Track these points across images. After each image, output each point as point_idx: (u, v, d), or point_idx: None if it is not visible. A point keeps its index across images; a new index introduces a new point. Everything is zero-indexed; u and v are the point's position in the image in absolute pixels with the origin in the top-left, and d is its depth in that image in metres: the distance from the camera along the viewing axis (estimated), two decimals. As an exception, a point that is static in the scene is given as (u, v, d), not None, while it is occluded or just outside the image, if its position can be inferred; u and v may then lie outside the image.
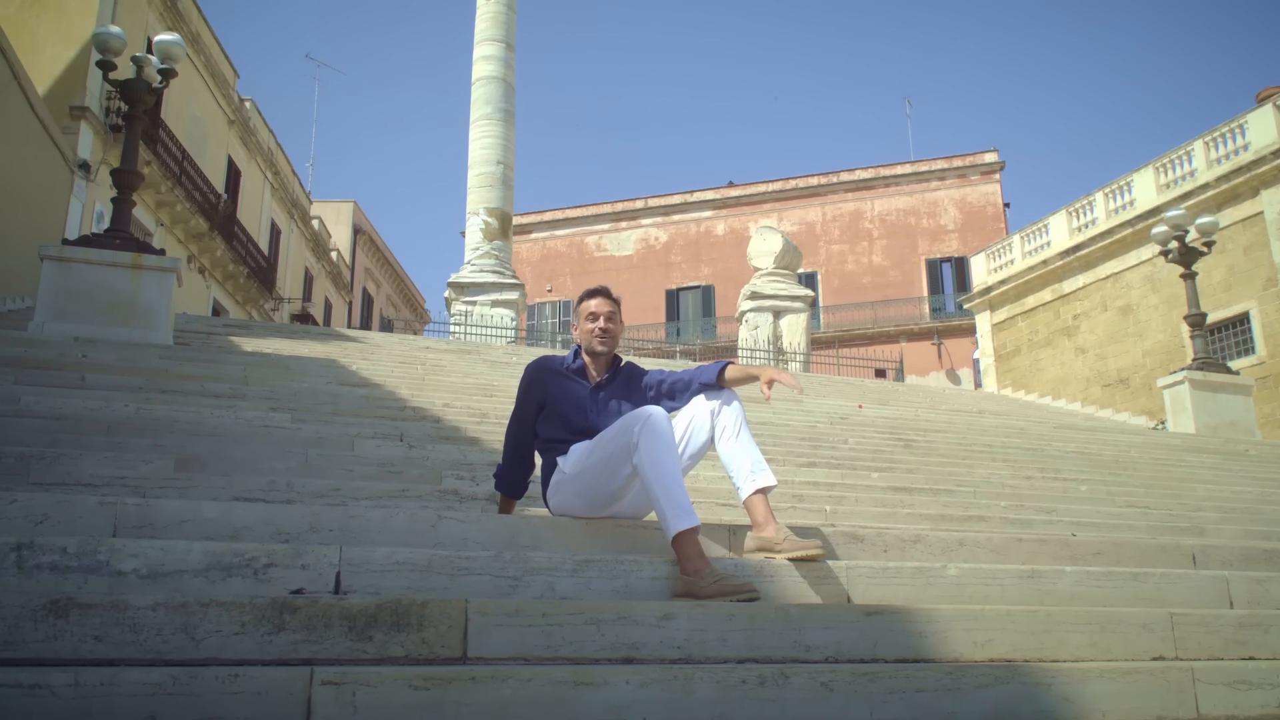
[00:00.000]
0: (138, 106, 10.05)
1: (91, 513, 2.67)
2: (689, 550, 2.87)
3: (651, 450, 3.03)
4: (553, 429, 3.60)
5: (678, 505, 2.93)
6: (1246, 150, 17.70)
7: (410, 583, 2.53)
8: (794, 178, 38.69)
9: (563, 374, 3.67)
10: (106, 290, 9.54)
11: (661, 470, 2.99)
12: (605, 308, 3.65)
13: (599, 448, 3.31)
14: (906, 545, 3.45)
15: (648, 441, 3.04)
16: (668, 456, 3.03)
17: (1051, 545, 3.71)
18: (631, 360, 3.84)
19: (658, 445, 3.03)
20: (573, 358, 3.72)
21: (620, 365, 3.72)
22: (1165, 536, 5.83)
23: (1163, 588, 3.26)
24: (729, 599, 2.66)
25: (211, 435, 5.72)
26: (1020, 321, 23.10)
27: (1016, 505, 6.45)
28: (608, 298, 3.71)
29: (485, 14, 24.70)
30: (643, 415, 3.13)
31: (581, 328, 3.69)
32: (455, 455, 5.98)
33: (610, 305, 3.68)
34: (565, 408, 3.57)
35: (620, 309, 3.76)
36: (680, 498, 2.96)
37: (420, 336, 21.88)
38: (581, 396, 3.60)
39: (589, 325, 3.65)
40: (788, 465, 7.07)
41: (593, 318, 3.64)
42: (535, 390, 3.67)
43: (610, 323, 3.64)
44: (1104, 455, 9.83)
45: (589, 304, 3.69)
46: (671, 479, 2.99)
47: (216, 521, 2.77)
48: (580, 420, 3.54)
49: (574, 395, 3.61)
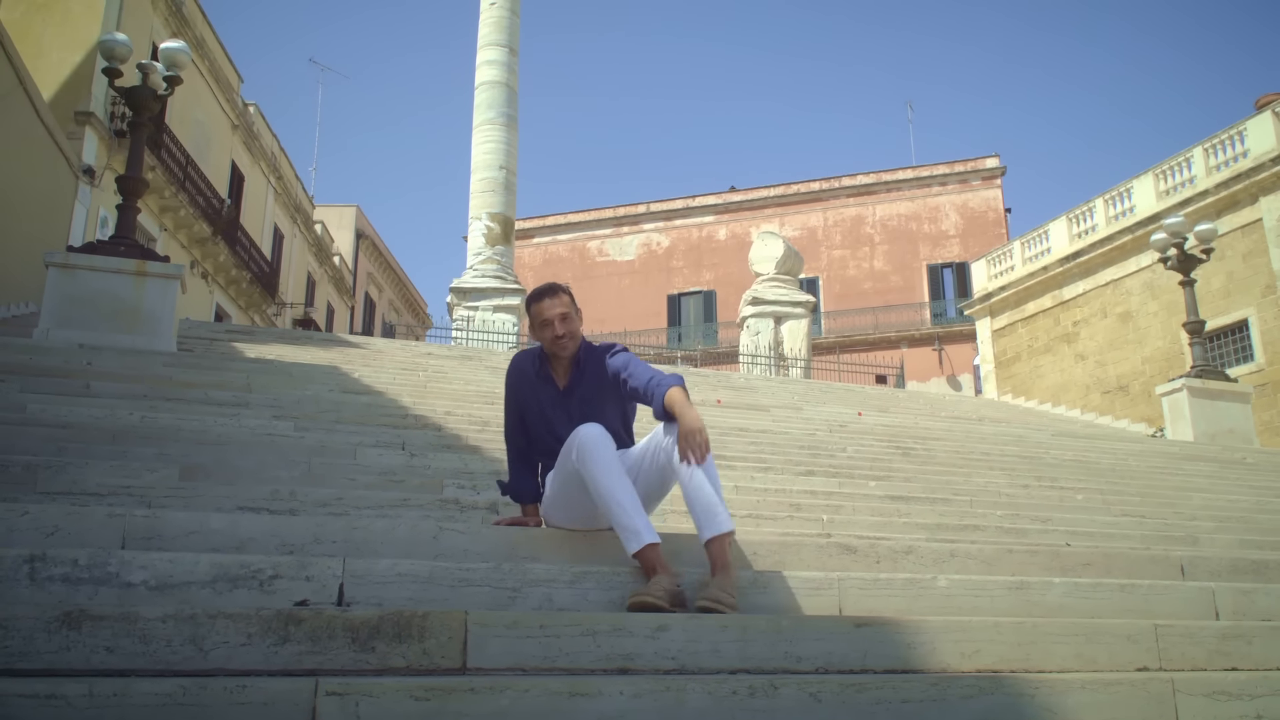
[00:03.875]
0: (143, 114, 10.13)
1: (101, 524, 2.74)
2: (644, 565, 2.94)
3: (591, 474, 3.05)
4: (536, 441, 3.53)
5: (624, 528, 2.98)
6: (1246, 157, 17.77)
7: (412, 594, 2.60)
8: (796, 183, 38.80)
9: (533, 380, 3.52)
10: (111, 297, 9.62)
11: (604, 494, 3.02)
12: (556, 309, 3.42)
13: (558, 472, 3.29)
14: (899, 556, 3.52)
15: (585, 467, 3.06)
16: (606, 477, 3.01)
17: (1042, 556, 3.77)
18: (590, 343, 3.57)
19: (595, 468, 3.03)
20: (539, 361, 3.54)
21: (581, 360, 3.49)
22: (1157, 546, 5.89)
23: (1150, 599, 3.32)
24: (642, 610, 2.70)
25: (216, 444, 5.79)
26: (1020, 328, 23.16)
27: (1012, 514, 6.51)
28: (554, 295, 3.46)
29: (488, 19, 24.78)
30: (574, 439, 3.12)
31: (538, 334, 3.49)
32: (456, 464, 6.04)
33: (561, 305, 3.43)
34: (538, 423, 3.48)
35: (573, 298, 3.53)
36: (626, 518, 2.98)
37: (422, 342, 21.95)
38: (551, 407, 3.47)
39: (544, 333, 3.44)
40: (786, 474, 7.13)
41: (545, 325, 3.43)
42: (512, 400, 3.59)
43: (565, 324, 3.42)
44: (1101, 463, 9.89)
45: (537, 310, 3.46)
46: (614, 501, 3.00)
47: (223, 533, 2.84)
48: (553, 437, 3.43)
49: (545, 406, 3.48)
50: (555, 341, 3.41)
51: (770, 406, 11.66)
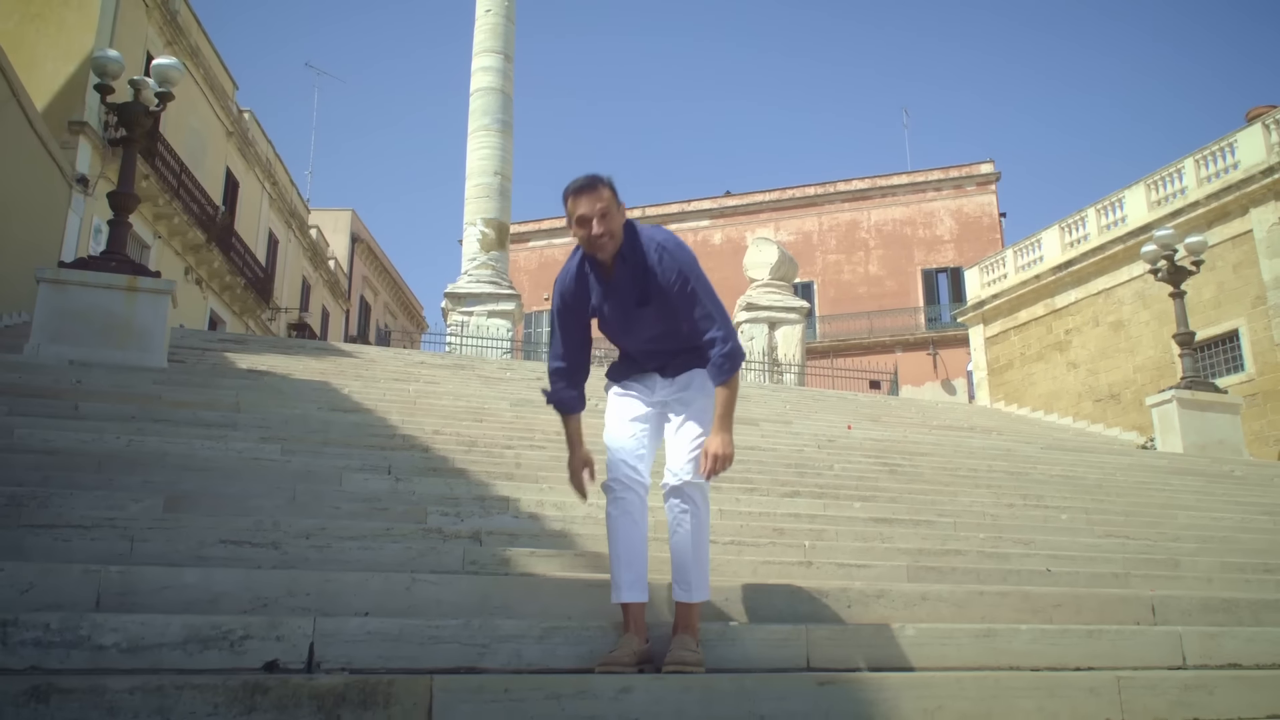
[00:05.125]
0: (135, 130, 10.15)
1: (76, 582, 2.78)
2: (623, 616, 3.03)
3: (608, 514, 3.14)
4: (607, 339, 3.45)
5: (613, 577, 3.07)
6: (1236, 169, 17.83)
7: (382, 652, 2.63)
8: (791, 188, 38.85)
9: (573, 282, 3.31)
10: (102, 312, 9.63)
11: (609, 540, 3.14)
12: (595, 207, 3.12)
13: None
14: (870, 600, 3.56)
15: (609, 512, 3.14)
16: (613, 526, 3.12)
17: (1013, 599, 3.81)
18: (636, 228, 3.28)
19: (609, 516, 3.14)
20: (578, 260, 3.32)
21: (626, 254, 3.22)
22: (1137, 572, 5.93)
23: (1117, 645, 3.36)
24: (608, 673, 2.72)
25: (201, 469, 5.82)
26: (1013, 335, 23.22)
27: (995, 537, 6.54)
28: (593, 190, 3.14)
29: (484, 25, 24.81)
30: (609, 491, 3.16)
31: (574, 232, 3.21)
32: (442, 489, 6.08)
33: (599, 203, 3.12)
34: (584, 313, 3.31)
35: (615, 191, 3.18)
36: (617, 571, 3.06)
37: (415, 350, 21.96)
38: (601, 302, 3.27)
39: (580, 231, 3.17)
40: (771, 495, 7.17)
41: (582, 222, 3.15)
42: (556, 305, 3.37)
43: (605, 222, 3.12)
44: (1088, 479, 9.93)
45: (573, 208, 3.17)
46: (612, 552, 3.11)
47: (196, 587, 2.87)
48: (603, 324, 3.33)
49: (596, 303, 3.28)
50: (592, 241, 3.15)
51: (760, 420, 11.70)
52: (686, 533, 3.09)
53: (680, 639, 2.92)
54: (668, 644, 2.90)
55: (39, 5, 16.88)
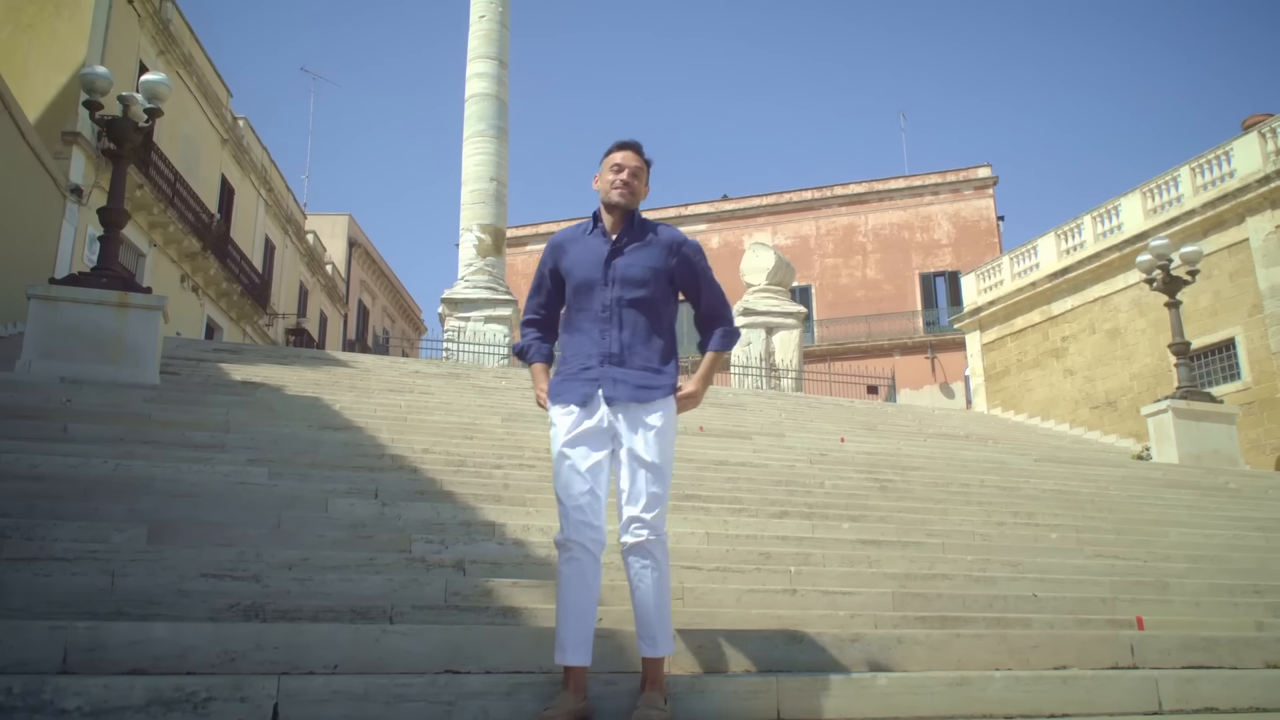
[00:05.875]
0: (124, 145, 10.14)
1: (44, 639, 2.76)
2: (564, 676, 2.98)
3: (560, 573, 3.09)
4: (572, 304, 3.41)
5: (558, 638, 3.00)
6: (1232, 177, 17.83)
7: (347, 711, 2.62)
8: (788, 191, 38.87)
9: (580, 239, 3.43)
10: (93, 328, 9.63)
11: (558, 596, 3.07)
12: (633, 161, 3.38)
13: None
14: (845, 645, 3.54)
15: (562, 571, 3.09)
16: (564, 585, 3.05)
17: (989, 641, 3.79)
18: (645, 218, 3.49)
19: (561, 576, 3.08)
20: (591, 222, 3.46)
21: (635, 220, 3.41)
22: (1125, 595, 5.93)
23: (1092, 691, 3.35)
24: None
25: (187, 495, 5.80)
26: (1010, 342, 23.22)
27: (983, 559, 6.53)
28: (638, 153, 3.42)
29: (478, 31, 24.80)
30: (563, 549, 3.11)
31: (603, 177, 3.41)
32: (428, 514, 6.06)
33: (638, 160, 3.40)
34: (579, 264, 3.35)
35: (648, 173, 3.45)
36: (563, 630, 3.00)
37: (412, 359, 21.96)
38: (598, 250, 3.36)
39: (610, 175, 3.38)
40: (760, 516, 7.16)
41: (617, 169, 3.37)
42: (548, 260, 3.48)
43: (635, 178, 3.37)
44: (1081, 493, 9.91)
45: (616, 155, 3.41)
46: (560, 608, 3.04)
47: (165, 641, 2.86)
48: (592, 272, 3.33)
49: (591, 251, 3.37)
50: (618, 186, 3.35)
51: (753, 433, 11.69)
52: (649, 588, 3.04)
53: (648, 696, 2.90)
54: (636, 699, 2.90)
55: (31, 16, 16.88)
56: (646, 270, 3.31)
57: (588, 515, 3.10)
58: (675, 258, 3.38)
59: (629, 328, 3.28)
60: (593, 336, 3.29)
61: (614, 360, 3.24)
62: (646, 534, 3.05)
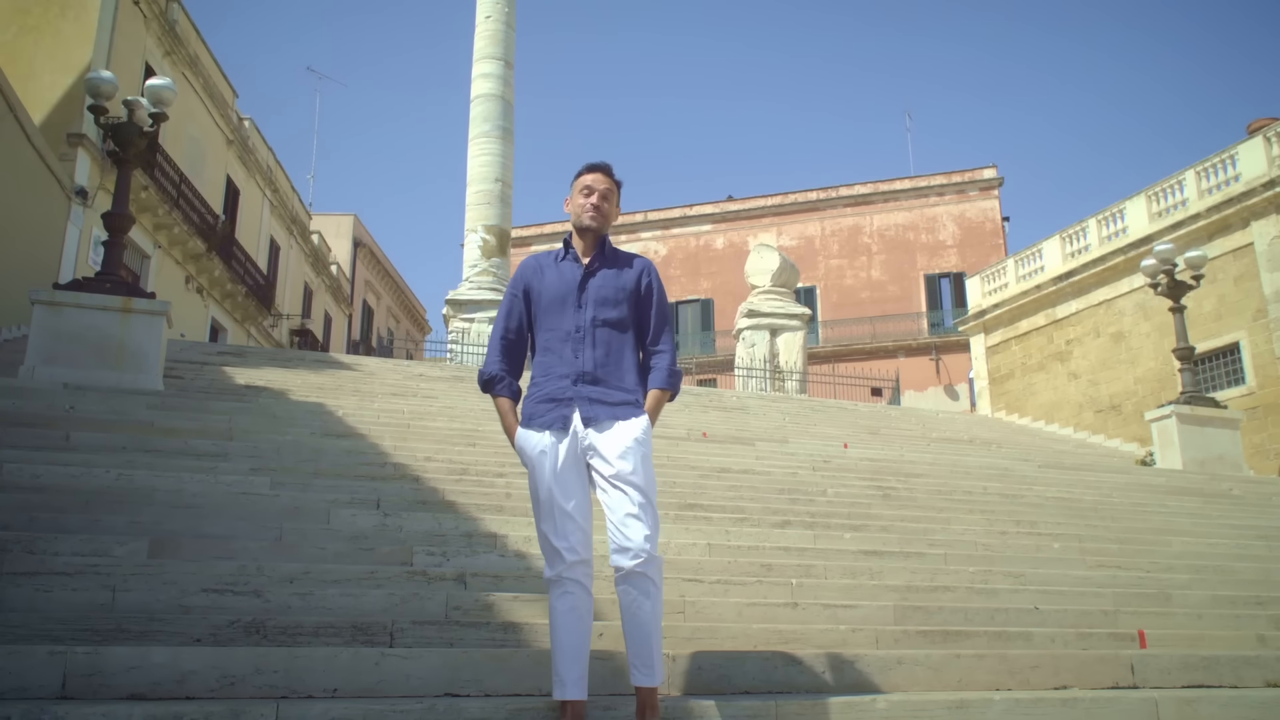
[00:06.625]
0: (129, 150, 10.17)
1: (42, 664, 2.77)
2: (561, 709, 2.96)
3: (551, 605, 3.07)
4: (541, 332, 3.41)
5: (555, 673, 2.97)
6: (1237, 181, 17.80)
7: (346, 738, 2.62)
8: (793, 192, 38.84)
9: (552, 265, 3.46)
10: (97, 333, 9.64)
11: (552, 631, 3.04)
12: (602, 184, 3.44)
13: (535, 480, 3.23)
14: (844, 666, 3.54)
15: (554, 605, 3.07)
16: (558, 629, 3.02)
17: (990, 661, 3.79)
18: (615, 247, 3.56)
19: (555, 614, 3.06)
20: (563, 249, 3.48)
21: (606, 245, 3.47)
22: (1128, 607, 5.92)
23: (1092, 713, 3.35)
24: None
25: (189, 506, 5.81)
26: (1014, 345, 23.19)
27: (985, 571, 6.52)
28: (608, 175, 3.47)
29: (484, 32, 24.79)
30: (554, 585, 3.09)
31: (574, 201, 3.46)
32: (430, 525, 6.07)
33: (608, 183, 3.46)
34: (552, 287, 3.38)
35: (619, 193, 3.53)
36: (561, 666, 2.96)
37: (416, 361, 21.97)
38: (572, 273, 3.39)
39: (581, 200, 3.42)
40: (762, 526, 7.16)
41: (587, 192, 3.42)
42: (519, 292, 3.48)
43: (605, 201, 3.43)
44: (1084, 501, 9.90)
45: (586, 178, 3.46)
46: (556, 644, 3.00)
47: (165, 667, 2.87)
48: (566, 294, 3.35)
49: (564, 275, 3.40)
50: (588, 210, 3.40)
51: (756, 438, 11.68)
52: (647, 616, 2.99)
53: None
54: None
55: (36, 17, 16.90)
56: (620, 291, 3.38)
57: (580, 553, 3.09)
58: (646, 278, 3.45)
59: (603, 347, 3.32)
60: (565, 357, 3.31)
61: (588, 379, 3.26)
62: (645, 561, 3.01)
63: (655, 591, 3.04)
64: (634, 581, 3.01)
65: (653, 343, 3.42)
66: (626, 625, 3.03)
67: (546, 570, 3.12)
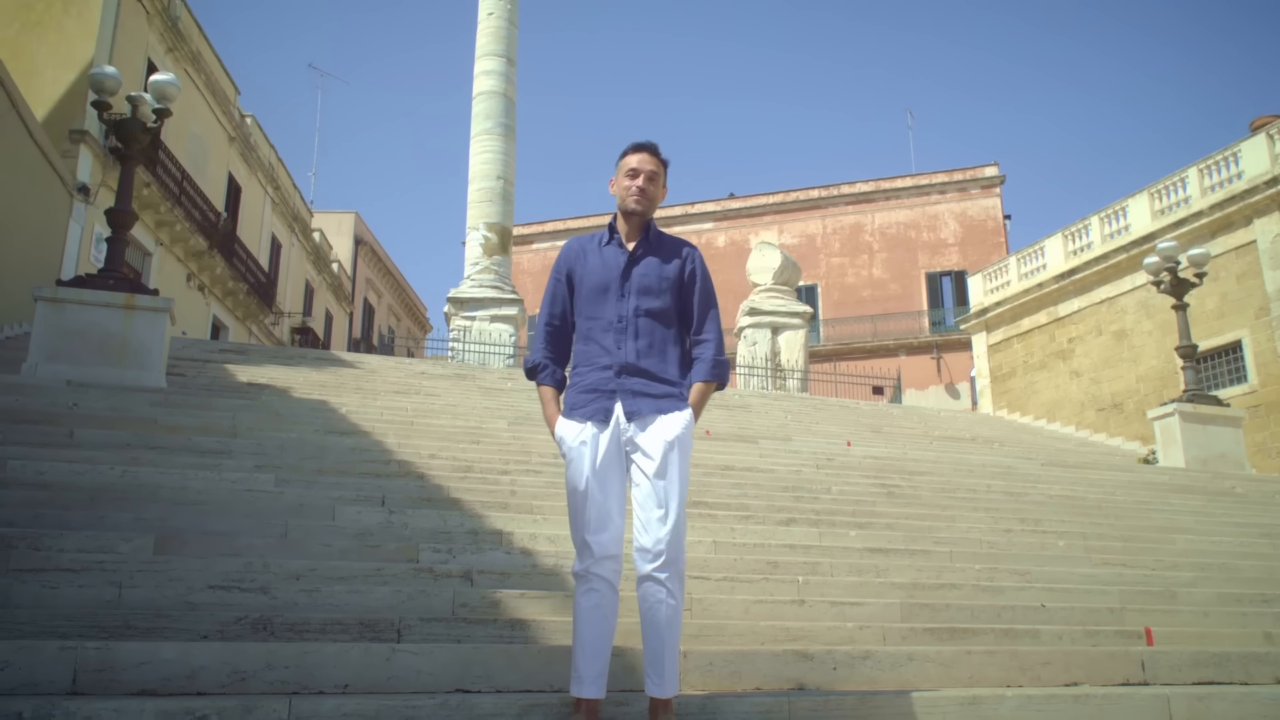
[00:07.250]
0: (132, 146, 10.15)
1: (52, 659, 2.76)
2: (575, 706, 2.92)
3: (576, 602, 3.02)
4: (583, 320, 3.33)
5: (575, 669, 2.93)
6: (1240, 179, 17.78)
7: (358, 734, 2.61)
8: (795, 190, 38.81)
9: (596, 249, 3.37)
10: (100, 331, 9.63)
11: (575, 627, 3.00)
12: (648, 165, 3.30)
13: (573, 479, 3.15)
14: (855, 662, 3.53)
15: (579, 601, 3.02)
16: (581, 615, 2.99)
17: (1000, 657, 3.78)
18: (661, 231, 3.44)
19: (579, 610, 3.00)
20: (607, 233, 3.38)
21: (651, 230, 3.37)
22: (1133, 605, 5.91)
23: (1104, 709, 3.34)
24: None
25: (194, 503, 5.80)
26: (1016, 343, 23.17)
27: (991, 569, 6.51)
28: (654, 155, 3.34)
29: (486, 29, 24.77)
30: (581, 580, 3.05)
31: (619, 183, 3.35)
32: (435, 522, 6.06)
33: (654, 164, 3.32)
34: (596, 274, 3.30)
35: (665, 174, 3.38)
36: (581, 662, 2.92)
37: (417, 359, 21.96)
38: (615, 260, 3.31)
39: (626, 182, 3.31)
40: (767, 524, 7.14)
41: (632, 174, 3.30)
42: (562, 267, 3.40)
43: (650, 184, 3.30)
44: (1088, 499, 9.89)
45: (631, 159, 3.33)
46: (578, 640, 2.96)
47: (175, 662, 2.86)
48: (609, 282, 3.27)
49: (608, 261, 3.31)
50: (633, 193, 3.28)
51: (759, 437, 11.67)
52: (664, 621, 2.93)
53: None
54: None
55: (39, 13, 16.88)
56: (663, 280, 3.28)
57: (610, 549, 3.04)
58: (690, 265, 3.34)
59: (645, 337, 3.23)
60: (608, 346, 3.22)
61: (631, 370, 3.19)
62: (664, 565, 2.96)
63: (676, 597, 2.97)
64: (653, 585, 2.97)
65: (696, 331, 3.31)
66: (644, 628, 2.98)
67: (575, 564, 3.07)
